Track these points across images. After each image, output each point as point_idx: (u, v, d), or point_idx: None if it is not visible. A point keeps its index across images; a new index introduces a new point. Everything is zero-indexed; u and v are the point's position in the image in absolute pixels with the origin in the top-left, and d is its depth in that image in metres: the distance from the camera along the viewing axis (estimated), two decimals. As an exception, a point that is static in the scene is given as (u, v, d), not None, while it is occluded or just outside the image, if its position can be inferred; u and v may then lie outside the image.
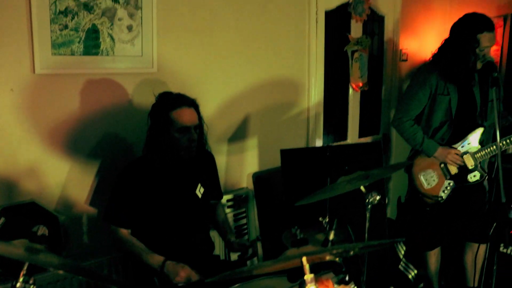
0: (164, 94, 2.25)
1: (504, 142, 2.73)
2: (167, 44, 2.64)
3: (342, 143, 3.77)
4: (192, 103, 2.21)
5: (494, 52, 4.13)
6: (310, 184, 2.18)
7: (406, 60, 4.12)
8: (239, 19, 2.95)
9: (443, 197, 2.92)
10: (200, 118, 2.24)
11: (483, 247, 3.04)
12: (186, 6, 2.69)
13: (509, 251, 3.32)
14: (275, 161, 2.92)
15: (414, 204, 3.15)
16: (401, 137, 3.05)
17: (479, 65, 2.76)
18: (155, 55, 2.59)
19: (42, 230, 1.42)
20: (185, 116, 2.15)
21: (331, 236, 1.83)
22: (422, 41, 4.27)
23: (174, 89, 2.49)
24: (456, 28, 2.82)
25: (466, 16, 2.80)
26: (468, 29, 2.73)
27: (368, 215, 1.96)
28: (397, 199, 3.69)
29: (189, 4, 2.70)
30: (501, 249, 3.21)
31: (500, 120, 2.70)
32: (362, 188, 1.95)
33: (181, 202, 2.27)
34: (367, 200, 1.94)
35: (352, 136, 3.85)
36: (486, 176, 2.85)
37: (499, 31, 4.06)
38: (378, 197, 1.94)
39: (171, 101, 2.18)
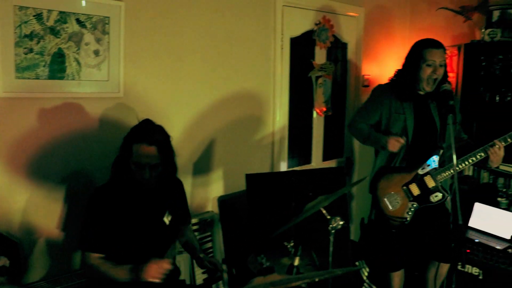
0: (142, 122, 2.25)
1: (461, 166, 2.86)
2: (134, 69, 2.67)
3: (306, 166, 3.84)
4: (155, 142, 2.15)
5: (450, 79, 4.34)
6: (275, 208, 2.22)
7: (368, 85, 4.26)
8: (206, 45, 3.01)
9: (408, 219, 3.01)
10: (162, 156, 2.19)
11: (445, 266, 3.16)
12: (154, 32, 2.73)
13: (466, 270, 3.45)
14: (241, 185, 2.96)
15: (380, 226, 3.24)
16: (355, 139, 3.21)
17: (428, 88, 2.90)
18: (122, 80, 2.61)
19: (2, 262, 1.40)
20: (142, 153, 2.14)
21: (296, 262, 1.87)
22: (383, 67, 4.44)
23: (141, 113, 2.52)
24: (408, 51, 3.01)
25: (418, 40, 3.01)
26: (415, 47, 2.96)
27: (331, 239, 2.01)
28: (360, 221, 3.78)
29: (156, 30, 2.74)
30: (459, 267, 3.35)
31: (456, 143, 2.88)
32: (325, 213, 2.01)
33: (147, 229, 2.27)
34: (330, 225, 2.00)
35: (316, 160, 3.94)
36: (448, 196, 2.96)
37: (454, 59, 4.27)
38: (341, 222, 2.00)
39: (137, 133, 2.18)
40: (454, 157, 2.53)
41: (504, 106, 3.83)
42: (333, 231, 2.02)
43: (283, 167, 3.61)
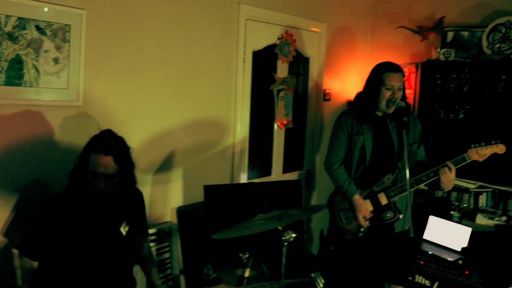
0: (102, 132, 2.27)
1: (414, 184, 2.95)
2: (95, 78, 2.67)
3: (266, 178, 3.90)
4: (112, 152, 2.17)
5: (409, 95, 4.50)
6: (231, 219, 2.25)
7: (329, 100, 4.37)
8: (168, 56, 3.04)
9: (360, 235, 3.09)
10: (119, 167, 2.20)
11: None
12: (116, 41, 2.74)
13: (419, 281, 3.57)
14: (200, 196, 2.97)
15: (335, 239, 3.31)
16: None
17: (389, 110, 2.99)
18: (82, 88, 2.60)
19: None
20: (98, 163, 2.15)
21: (247, 274, 1.91)
22: (345, 82, 4.57)
23: (100, 122, 2.53)
24: (368, 75, 3.10)
25: (378, 63, 3.09)
26: (375, 71, 3.04)
27: (284, 251, 2.06)
28: (320, 232, 3.84)
29: (118, 39, 2.75)
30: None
31: (412, 162, 2.99)
32: (279, 226, 2.06)
33: (103, 239, 2.27)
34: (283, 238, 2.05)
35: (277, 172, 4.00)
36: (399, 216, 3.04)
37: (412, 76, 4.43)
38: (294, 235, 2.06)
39: (95, 143, 2.20)
40: (407, 173, 2.59)
41: (457, 123, 4.00)
42: (285, 243, 2.07)
43: (243, 178, 3.65)
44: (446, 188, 2.90)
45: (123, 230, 2.35)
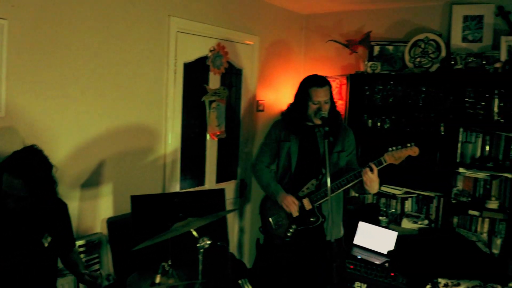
0: (20, 151, 2.24)
1: (335, 189, 3.07)
2: (18, 88, 2.64)
3: (199, 188, 3.96)
4: (23, 175, 2.13)
5: (340, 105, 4.70)
6: (157, 229, 2.31)
7: (262, 110, 4.50)
8: (97, 67, 3.06)
9: (287, 239, 3.21)
10: (31, 189, 2.18)
11: None
12: (40, 52, 2.73)
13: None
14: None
15: (267, 246, 3.42)
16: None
17: (317, 121, 3.14)
18: (4, 99, 2.58)
19: None
20: (9, 184, 2.14)
21: (157, 280, 1.98)
22: (279, 92, 4.72)
23: (26, 134, 2.52)
24: (297, 88, 3.24)
25: (305, 77, 3.23)
26: (303, 85, 3.19)
27: (200, 258, 2.14)
28: (256, 241, 3.93)
29: (43, 49, 2.75)
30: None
31: (331, 168, 3.12)
32: (194, 233, 2.14)
33: (24, 252, 2.27)
34: (198, 245, 2.13)
35: (210, 182, 4.07)
36: (322, 220, 3.18)
37: (343, 87, 4.64)
38: (208, 242, 2.14)
39: (9, 163, 2.18)
40: (328, 180, 2.72)
41: (384, 132, 4.22)
42: (201, 250, 2.15)
43: (176, 188, 3.70)
44: (370, 190, 2.97)
45: (45, 242, 2.35)
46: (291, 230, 3.19)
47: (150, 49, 3.40)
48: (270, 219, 3.26)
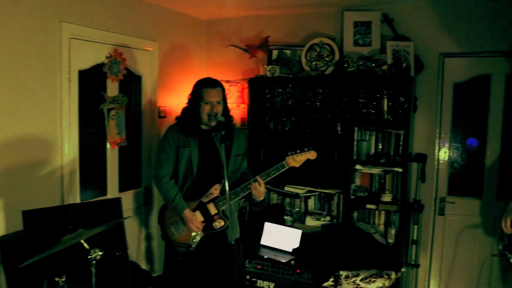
0: None
1: (232, 195, 3.15)
2: None
3: (100, 198, 3.85)
4: None
5: (242, 109, 4.81)
6: (48, 244, 2.23)
7: (164, 117, 4.48)
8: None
9: (193, 246, 3.22)
10: None
11: None
12: None
13: (259, 284, 3.80)
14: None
15: (170, 254, 3.40)
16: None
17: (212, 122, 3.19)
18: None
19: None
20: None
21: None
22: (181, 98, 4.68)
23: None
24: (191, 91, 3.30)
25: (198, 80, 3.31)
26: (195, 87, 3.27)
27: (93, 270, 2.10)
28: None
29: None
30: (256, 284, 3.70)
31: (228, 172, 3.19)
32: (85, 245, 2.10)
33: None
34: (89, 256, 2.09)
35: (113, 191, 3.98)
36: (228, 223, 3.24)
37: (245, 92, 4.74)
38: (100, 253, 2.11)
39: None
40: (227, 184, 2.79)
41: (285, 134, 4.37)
42: (93, 261, 2.11)
43: (76, 200, 3.58)
44: (257, 198, 3.18)
45: None
46: (196, 237, 3.21)
47: (41, 57, 3.26)
48: (172, 228, 3.26)
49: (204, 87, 3.20)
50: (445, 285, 4.50)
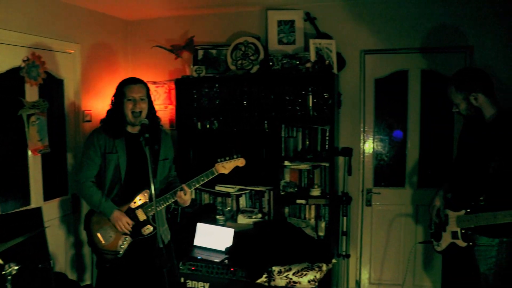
0: None
1: (162, 201, 3.16)
2: None
3: (22, 209, 3.69)
4: None
5: (170, 110, 4.79)
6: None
7: (90, 121, 4.37)
8: None
9: (121, 252, 3.16)
10: None
11: None
12: None
13: (193, 285, 3.81)
14: None
15: (99, 262, 3.33)
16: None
17: (136, 122, 3.14)
18: None
19: None
20: None
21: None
22: (106, 101, 4.58)
23: None
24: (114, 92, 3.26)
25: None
26: (118, 86, 3.23)
27: (9, 286, 2.03)
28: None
29: None
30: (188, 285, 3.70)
31: (158, 177, 3.22)
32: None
33: None
34: (4, 272, 2.02)
35: (37, 200, 3.84)
36: (156, 230, 3.20)
37: (172, 92, 4.73)
38: (16, 267, 2.04)
39: None
40: (153, 191, 2.79)
41: (213, 134, 4.40)
42: (9, 277, 2.04)
43: (-4, 212, 3.44)
44: (183, 205, 3.23)
45: None
46: (124, 243, 3.16)
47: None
48: (99, 234, 3.18)
49: (127, 84, 3.17)
50: (375, 273, 4.71)
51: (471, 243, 2.96)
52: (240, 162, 3.21)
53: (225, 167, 3.17)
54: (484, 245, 2.92)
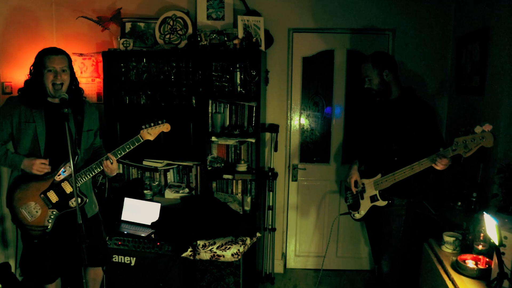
0: None
1: (88, 172, 3.21)
2: None
3: None
4: None
5: (98, 83, 4.77)
6: None
7: (11, 93, 4.29)
8: None
9: (49, 227, 3.17)
10: None
11: (97, 269, 3.60)
12: None
13: (119, 260, 3.91)
14: None
15: (22, 238, 3.35)
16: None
17: (56, 94, 3.15)
18: None
19: None
20: None
21: None
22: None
23: None
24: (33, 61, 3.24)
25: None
26: (37, 56, 3.22)
27: None
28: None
29: None
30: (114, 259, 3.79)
31: (82, 148, 3.26)
32: None
33: None
34: None
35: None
36: (86, 200, 3.26)
37: (100, 65, 4.70)
38: None
39: None
40: (72, 164, 2.82)
41: (141, 108, 4.44)
42: None
43: None
44: (110, 175, 3.30)
45: None
46: (52, 217, 3.18)
47: None
48: (23, 210, 3.17)
49: (47, 54, 3.14)
50: (300, 245, 4.99)
51: (390, 201, 3.38)
52: (166, 127, 3.27)
53: (150, 133, 3.23)
54: (396, 205, 3.40)
